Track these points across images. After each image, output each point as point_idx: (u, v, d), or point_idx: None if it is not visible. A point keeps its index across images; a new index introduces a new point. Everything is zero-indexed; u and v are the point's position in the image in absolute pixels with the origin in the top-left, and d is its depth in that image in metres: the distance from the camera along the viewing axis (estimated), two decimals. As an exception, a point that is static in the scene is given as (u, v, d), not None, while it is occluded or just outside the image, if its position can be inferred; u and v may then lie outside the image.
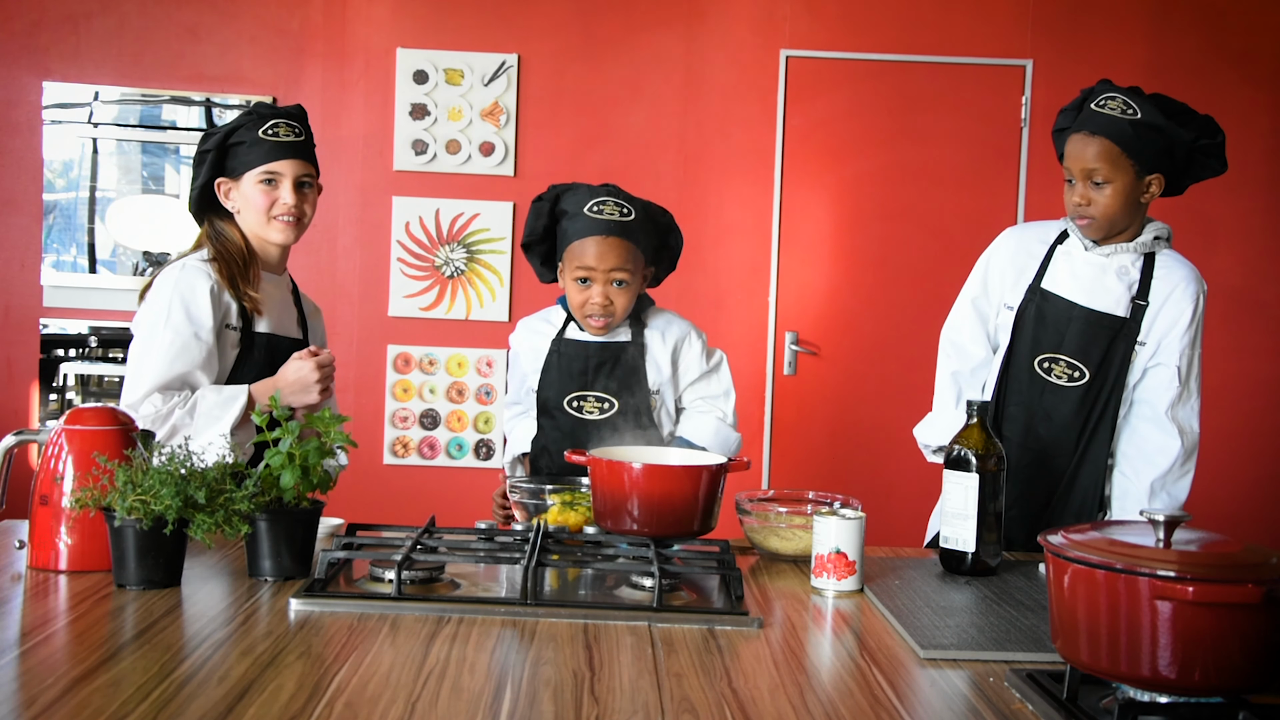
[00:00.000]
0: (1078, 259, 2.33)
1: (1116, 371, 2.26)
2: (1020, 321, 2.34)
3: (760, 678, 1.39)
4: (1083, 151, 2.24)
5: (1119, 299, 2.28)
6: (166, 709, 1.19)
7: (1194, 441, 2.29)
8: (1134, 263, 2.31)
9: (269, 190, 2.29)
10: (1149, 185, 2.26)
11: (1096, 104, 2.25)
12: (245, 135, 2.28)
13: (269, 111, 2.32)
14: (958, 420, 2.35)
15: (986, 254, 2.46)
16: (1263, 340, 4.46)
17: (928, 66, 4.38)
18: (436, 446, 4.36)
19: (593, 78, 4.35)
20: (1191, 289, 2.29)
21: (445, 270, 4.33)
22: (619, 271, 2.28)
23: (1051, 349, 2.29)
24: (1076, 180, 2.26)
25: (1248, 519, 4.41)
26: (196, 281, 2.22)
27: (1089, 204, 2.26)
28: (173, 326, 2.19)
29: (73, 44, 4.26)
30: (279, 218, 2.31)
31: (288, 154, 2.30)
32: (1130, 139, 2.21)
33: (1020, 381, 2.32)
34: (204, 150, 2.31)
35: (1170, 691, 1.22)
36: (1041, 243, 2.39)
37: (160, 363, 2.17)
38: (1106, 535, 1.28)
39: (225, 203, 2.33)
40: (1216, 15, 4.39)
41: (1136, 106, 2.22)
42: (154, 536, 1.63)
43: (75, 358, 4.31)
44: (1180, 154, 2.26)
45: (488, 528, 2.00)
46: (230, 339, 2.26)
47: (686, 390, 2.44)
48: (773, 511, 2.06)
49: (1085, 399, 2.25)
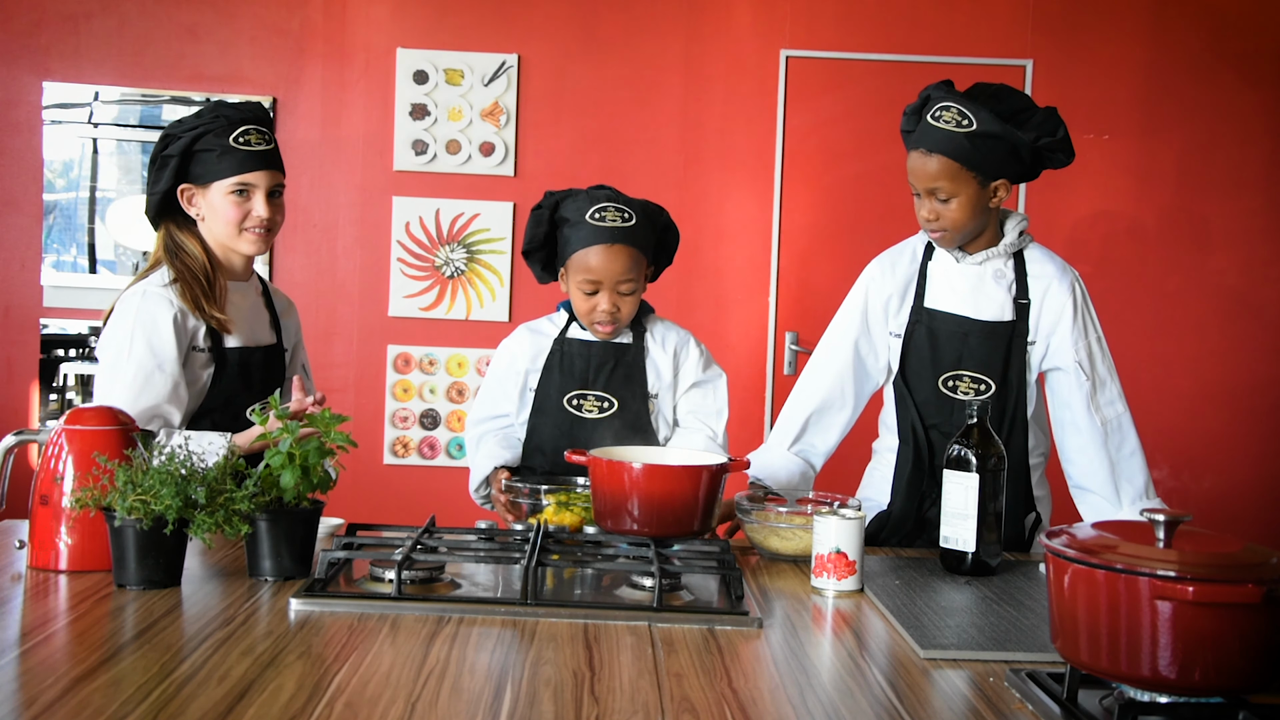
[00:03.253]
0: (953, 272, 2.30)
1: (1017, 374, 2.26)
2: (911, 344, 2.30)
3: (760, 678, 1.39)
4: (923, 169, 2.19)
5: (1003, 304, 2.26)
6: (166, 709, 1.19)
7: (1122, 421, 2.26)
8: (1006, 264, 2.29)
9: (241, 201, 2.21)
10: (995, 191, 2.22)
11: (932, 116, 2.19)
12: (213, 142, 2.19)
13: (237, 116, 2.22)
14: (782, 461, 2.35)
15: (859, 289, 2.40)
16: (1262, 341, 4.46)
17: (928, 66, 4.38)
18: (436, 446, 4.36)
19: (593, 78, 4.35)
20: (1065, 282, 2.27)
21: (445, 270, 4.33)
22: (625, 280, 2.28)
23: (952, 366, 2.27)
24: (922, 195, 2.23)
25: (1248, 519, 4.41)
26: (157, 311, 2.14)
27: (938, 218, 2.23)
28: (135, 360, 2.12)
29: (73, 44, 4.26)
30: (251, 229, 2.24)
31: (260, 164, 2.22)
32: (967, 152, 2.15)
33: (929, 405, 2.29)
34: (166, 155, 2.20)
35: (1170, 691, 1.22)
36: (911, 263, 2.35)
37: (125, 397, 2.10)
38: (1107, 535, 1.28)
39: (188, 209, 2.25)
40: (1216, 15, 4.39)
41: (972, 115, 2.15)
42: (154, 536, 1.63)
43: (75, 358, 4.31)
44: (1025, 154, 2.19)
45: (488, 528, 2.00)
46: (199, 360, 2.20)
47: (681, 399, 2.43)
48: (773, 511, 2.06)
49: (995, 407, 2.23)
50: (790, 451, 2.39)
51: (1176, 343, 4.43)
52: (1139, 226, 4.43)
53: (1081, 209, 4.35)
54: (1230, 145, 4.41)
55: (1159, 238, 4.42)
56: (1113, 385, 2.28)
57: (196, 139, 2.19)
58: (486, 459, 2.35)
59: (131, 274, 4.29)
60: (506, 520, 2.21)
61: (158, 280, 2.20)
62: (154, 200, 2.24)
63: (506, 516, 2.21)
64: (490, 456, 2.35)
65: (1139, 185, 4.40)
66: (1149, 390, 4.31)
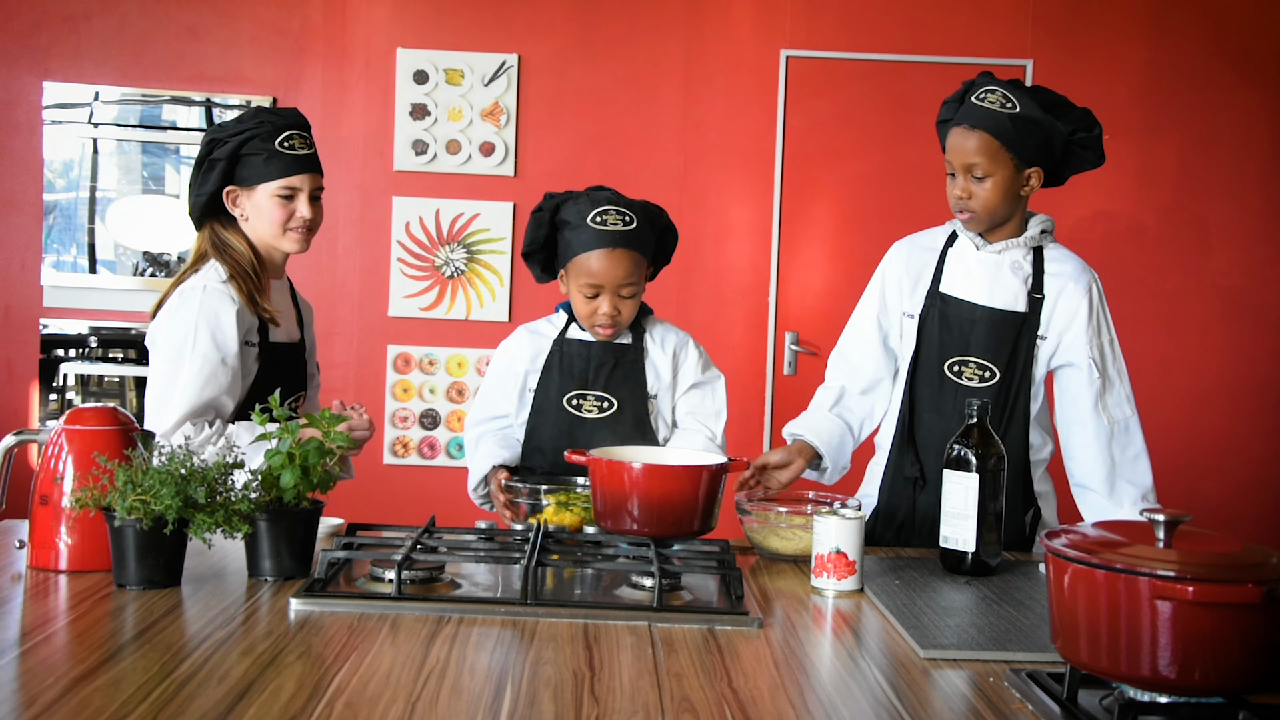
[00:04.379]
0: (970, 259, 2.33)
1: (1023, 367, 2.27)
2: (924, 327, 2.33)
3: (760, 678, 1.39)
4: (962, 145, 2.24)
5: (1016, 294, 2.28)
6: (166, 709, 1.19)
7: (1129, 424, 2.28)
8: (1025, 257, 2.31)
9: (286, 204, 2.31)
10: (1028, 178, 2.26)
11: (976, 97, 2.24)
12: (259, 146, 2.28)
13: (281, 121, 2.31)
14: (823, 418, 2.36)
15: (880, 269, 2.45)
16: (1262, 341, 4.46)
17: (928, 66, 4.38)
18: (436, 446, 4.36)
19: (593, 78, 4.35)
20: (1083, 282, 2.29)
21: (445, 270, 4.33)
22: (627, 284, 2.28)
23: (959, 352, 2.29)
24: (957, 174, 2.26)
25: (1248, 519, 4.42)
26: (221, 306, 2.22)
27: (969, 197, 2.26)
28: (200, 353, 2.19)
29: (73, 44, 4.26)
30: (295, 229, 2.33)
31: (305, 168, 2.32)
32: (1009, 132, 2.20)
33: (931, 387, 2.31)
34: (214, 158, 2.29)
35: (1170, 691, 1.22)
36: (932, 249, 2.38)
37: (190, 390, 2.17)
38: (1107, 535, 1.28)
39: (232, 209, 2.33)
40: (1216, 15, 4.39)
41: (1016, 100, 2.21)
42: (154, 536, 1.63)
43: (75, 358, 4.31)
44: (1058, 147, 2.25)
45: (488, 528, 2.00)
46: (250, 355, 2.28)
47: (680, 399, 2.43)
48: (773, 511, 2.06)
49: (997, 398, 2.25)
50: (830, 413, 2.39)
51: (1177, 343, 4.43)
52: (1139, 226, 4.43)
53: (1081, 209, 4.35)
54: (1230, 145, 4.41)
55: (1159, 238, 4.42)
56: (1122, 388, 2.30)
57: (243, 143, 2.28)
58: (485, 458, 2.35)
59: (132, 274, 4.30)
60: (505, 520, 2.21)
61: (215, 276, 2.27)
62: (200, 201, 2.32)
63: (504, 514, 2.22)
64: (489, 456, 2.35)
65: (1139, 185, 4.41)
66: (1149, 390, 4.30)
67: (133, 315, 4.28)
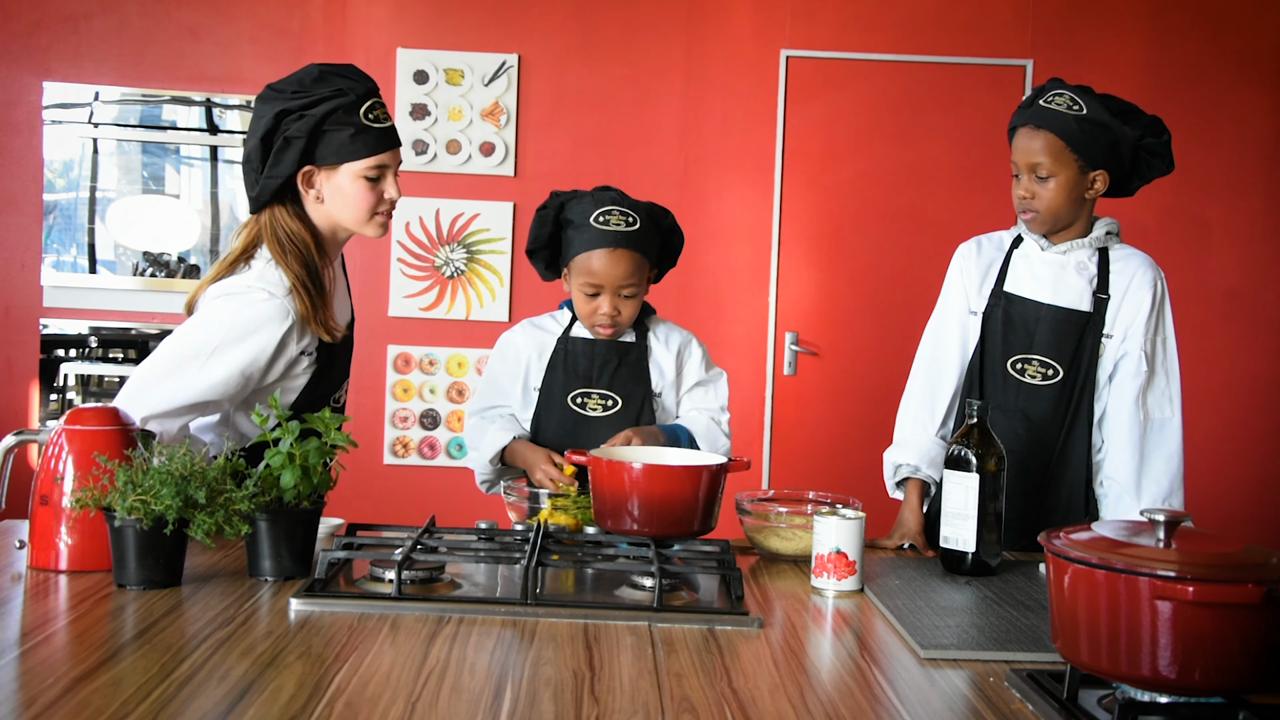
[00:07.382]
0: (1035, 259, 2.34)
1: (1087, 366, 2.28)
2: (988, 325, 2.34)
3: (760, 678, 1.39)
4: (1028, 145, 2.25)
5: (1081, 294, 2.29)
6: (166, 709, 1.19)
7: (1167, 425, 2.28)
8: (1090, 258, 2.32)
9: (373, 185, 2.03)
10: (1093, 181, 2.27)
11: (1045, 100, 2.26)
12: (344, 119, 1.97)
13: (360, 88, 2.00)
14: (927, 441, 2.33)
15: (951, 268, 2.46)
16: (1262, 341, 4.46)
17: (928, 66, 4.38)
18: (436, 446, 4.36)
19: (593, 78, 4.35)
20: (1149, 276, 2.30)
21: (445, 270, 4.33)
22: (627, 285, 2.28)
23: (1022, 350, 2.30)
24: (1022, 174, 2.28)
25: (1248, 519, 4.41)
26: (270, 324, 1.95)
27: (1033, 197, 2.27)
28: (227, 361, 1.95)
29: (73, 44, 4.26)
30: (383, 213, 2.08)
31: (393, 142, 2.04)
32: (1074, 134, 2.22)
33: (994, 385, 2.31)
34: (290, 136, 1.96)
35: (1170, 691, 1.22)
36: (999, 249, 2.40)
37: (180, 397, 1.94)
38: (1107, 535, 1.28)
39: (305, 191, 2.03)
40: (1216, 16, 4.39)
41: (1083, 103, 2.23)
42: (154, 536, 1.63)
43: (75, 358, 4.31)
44: (1126, 152, 2.26)
45: (488, 528, 2.00)
46: (303, 364, 2.05)
47: (685, 397, 2.44)
48: (773, 511, 2.06)
49: (1060, 396, 2.26)
50: (938, 437, 2.36)
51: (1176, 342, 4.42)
52: (1139, 226, 4.43)
53: (1081, 209, 4.35)
54: (1230, 145, 4.41)
55: (1159, 238, 4.41)
56: (1168, 388, 2.31)
57: (325, 117, 1.96)
58: (501, 432, 2.33)
59: (132, 274, 4.29)
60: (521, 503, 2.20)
61: (278, 282, 1.98)
62: (272, 185, 1.99)
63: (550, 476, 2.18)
64: (504, 430, 2.33)
65: (1139, 185, 4.40)
66: (1149, 390, 4.31)
67: (133, 315, 4.27)
